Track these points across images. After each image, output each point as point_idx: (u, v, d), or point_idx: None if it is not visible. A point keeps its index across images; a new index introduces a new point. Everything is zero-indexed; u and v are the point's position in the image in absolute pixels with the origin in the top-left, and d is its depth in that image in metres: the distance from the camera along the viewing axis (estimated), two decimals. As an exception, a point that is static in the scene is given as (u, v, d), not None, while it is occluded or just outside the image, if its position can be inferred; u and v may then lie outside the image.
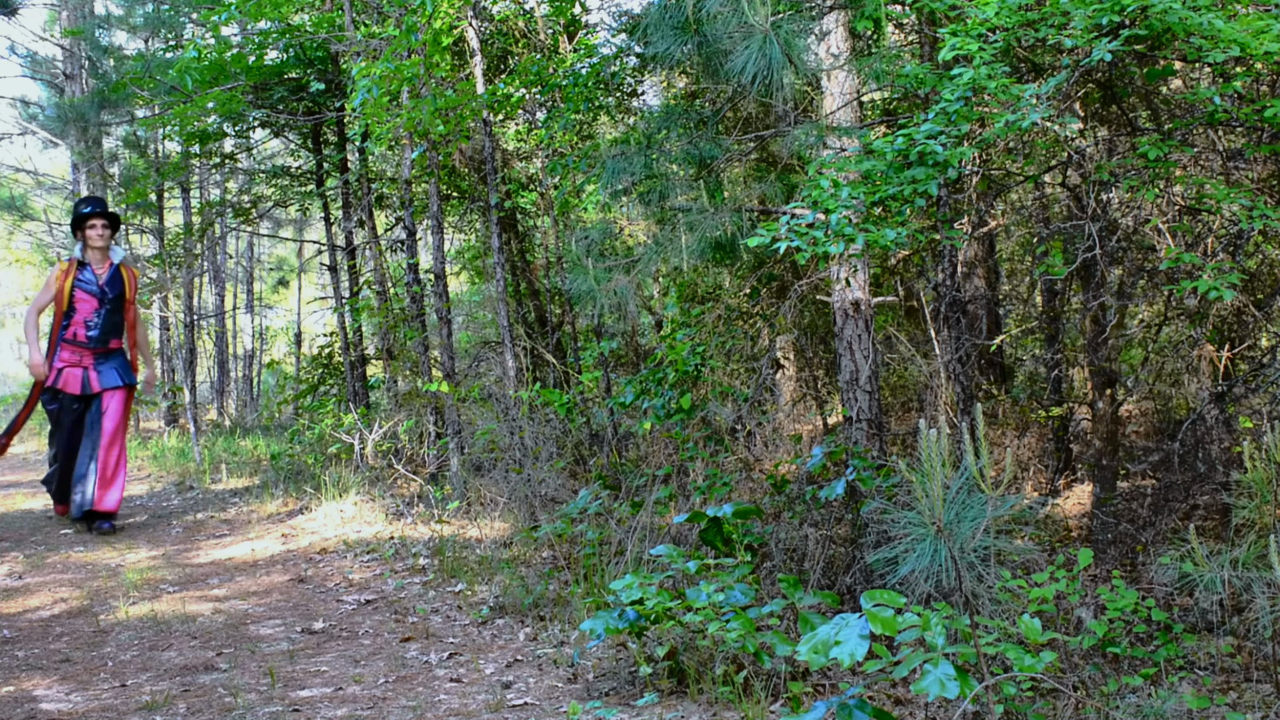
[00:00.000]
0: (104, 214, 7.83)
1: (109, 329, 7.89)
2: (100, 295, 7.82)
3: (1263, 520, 3.50)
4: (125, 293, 7.94)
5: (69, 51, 16.41)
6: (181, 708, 4.41)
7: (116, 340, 7.96)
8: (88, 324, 7.77)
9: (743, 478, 7.37)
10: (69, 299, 7.75)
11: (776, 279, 7.03)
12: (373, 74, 7.49)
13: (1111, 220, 4.88)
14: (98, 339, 7.84)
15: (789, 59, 4.61)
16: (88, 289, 7.77)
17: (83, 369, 7.81)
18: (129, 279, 7.96)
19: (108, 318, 7.85)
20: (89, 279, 7.79)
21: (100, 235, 7.80)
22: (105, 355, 7.91)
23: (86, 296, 7.78)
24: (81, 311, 7.76)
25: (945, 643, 3.08)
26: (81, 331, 7.78)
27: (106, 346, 7.90)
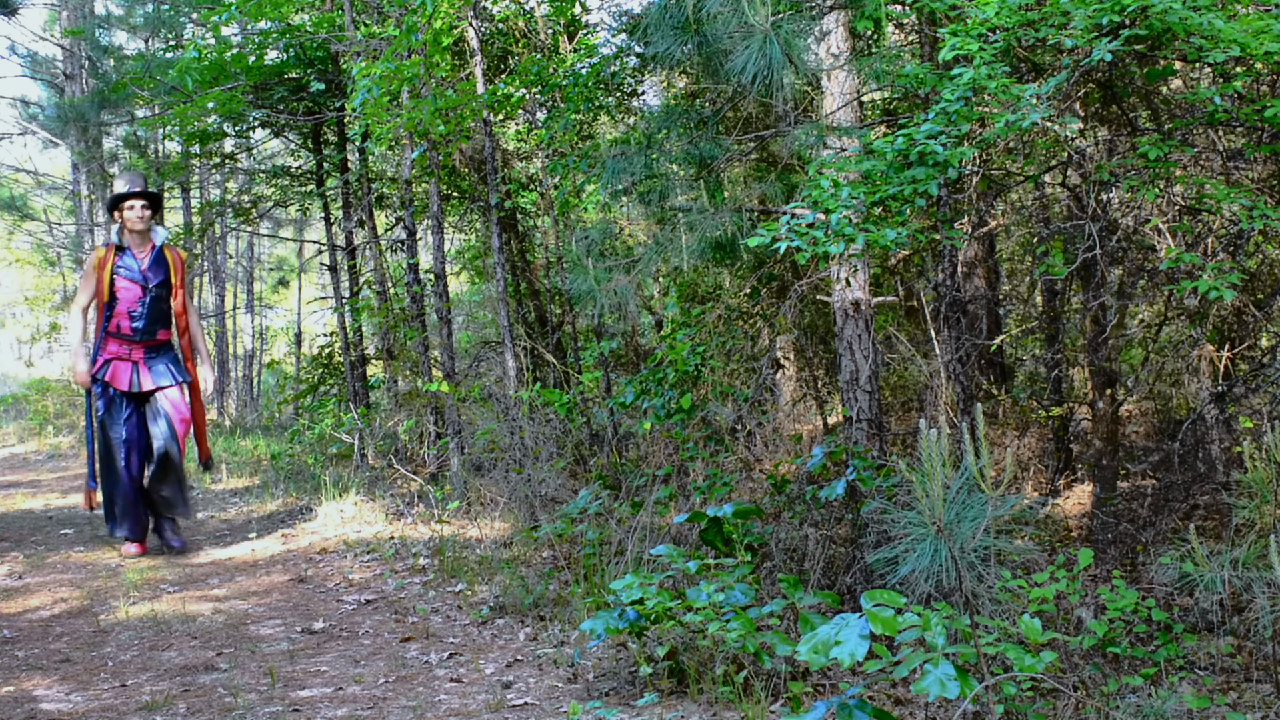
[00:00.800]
0: (144, 193, 6.93)
1: (155, 319, 7.00)
2: (143, 282, 6.91)
3: (1263, 520, 3.50)
4: (170, 278, 7.01)
5: (69, 51, 16.41)
6: (181, 708, 4.41)
7: (165, 331, 7.08)
8: (131, 314, 6.89)
9: (743, 478, 7.37)
10: (109, 288, 6.87)
11: (776, 279, 7.03)
12: (373, 74, 7.49)
13: (1111, 220, 4.88)
14: (143, 330, 6.95)
15: (789, 59, 4.61)
16: (129, 276, 6.88)
17: (131, 364, 6.95)
18: (174, 262, 7.03)
19: (152, 306, 6.96)
20: (129, 265, 6.91)
21: (140, 216, 6.89)
22: (155, 350, 7.03)
23: (128, 284, 6.89)
24: (124, 301, 6.88)
25: (945, 643, 3.08)
26: (125, 323, 6.91)
27: (154, 338, 7.01)
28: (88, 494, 7.37)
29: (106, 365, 6.93)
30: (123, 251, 6.94)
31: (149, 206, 6.96)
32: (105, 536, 8.39)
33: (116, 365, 6.93)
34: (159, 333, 7.03)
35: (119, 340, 6.93)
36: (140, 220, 6.91)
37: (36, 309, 21.48)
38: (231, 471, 11.25)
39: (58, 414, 17.73)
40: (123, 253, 6.94)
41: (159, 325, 7.04)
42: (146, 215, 6.94)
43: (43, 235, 19.46)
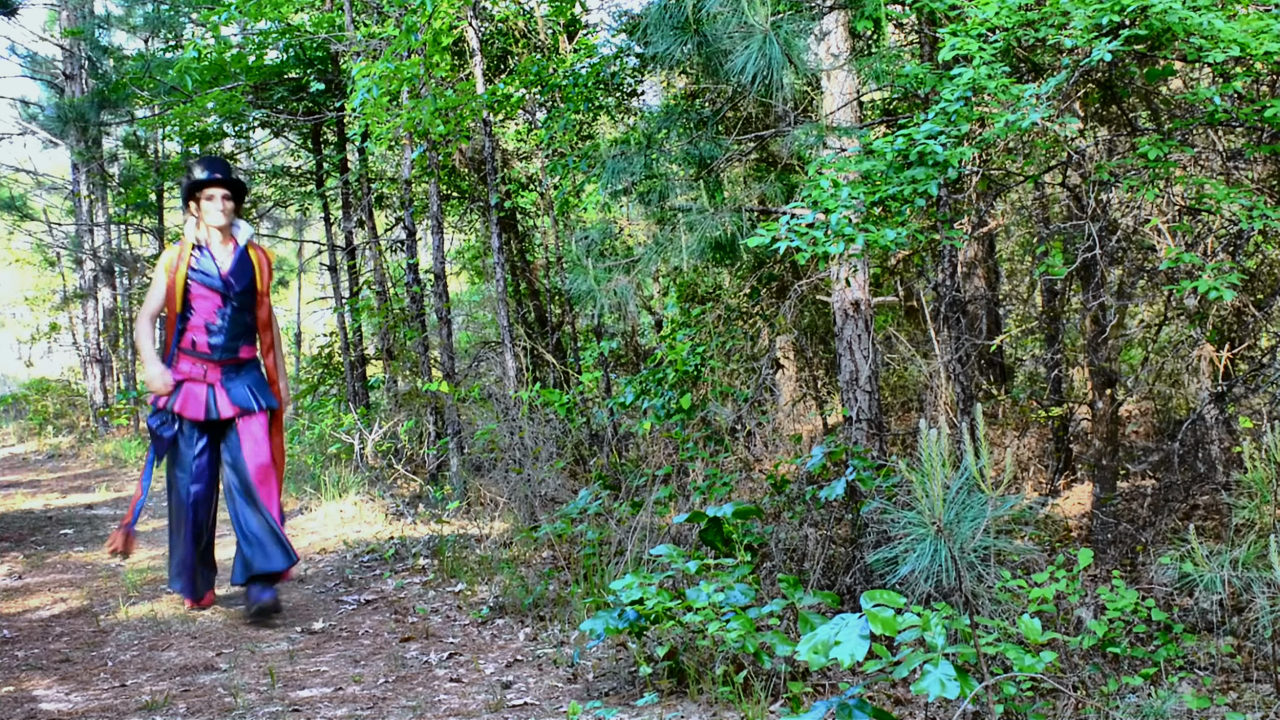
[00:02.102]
0: (226, 180, 5.62)
1: (238, 332, 5.66)
2: (224, 289, 5.60)
3: (1263, 520, 3.50)
4: (256, 283, 5.71)
5: (69, 51, 16.41)
6: (181, 708, 4.41)
7: (249, 347, 5.75)
8: (209, 328, 5.60)
9: (743, 478, 7.37)
10: (183, 295, 5.59)
11: (776, 279, 7.03)
12: (373, 74, 7.49)
13: (1111, 220, 4.88)
14: (224, 346, 5.63)
15: (789, 59, 4.61)
16: (207, 281, 5.59)
17: (207, 386, 5.60)
18: (260, 264, 5.75)
19: (235, 318, 5.64)
20: (208, 267, 5.60)
21: (222, 209, 5.59)
22: (235, 368, 5.67)
23: (206, 291, 5.59)
24: (200, 311, 5.59)
25: (945, 643, 3.08)
26: (202, 338, 5.60)
27: (236, 356, 5.67)
28: (125, 537, 5.77)
29: (176, 391, 5.57)
30: (200, 251, 5.62)
31: (232, 196, 5.63)
32: (105, 536, 8.38)
33: (188, 390, 5.56)
34: (242, 349, 5.69)
35: (193, 359, 5.58)
36: (222, 213, 5.57)
37: (36, 309, 21.48)
38: (231, 471, 11.23)
39: (58, 414, 17.74)
40: (200, 252, 5.61)
41: (242, 340, 5.68)
42: (229, 208, 5.61)
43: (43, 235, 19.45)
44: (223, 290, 5.60)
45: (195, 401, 5.58)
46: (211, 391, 5.60)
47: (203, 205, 5.59)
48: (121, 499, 10.49)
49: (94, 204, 16.55)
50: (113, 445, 14.21)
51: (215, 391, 5.60)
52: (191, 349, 5.60)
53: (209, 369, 5.61)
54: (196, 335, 5.60)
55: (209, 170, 5.61)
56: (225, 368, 5.65)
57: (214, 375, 5.61)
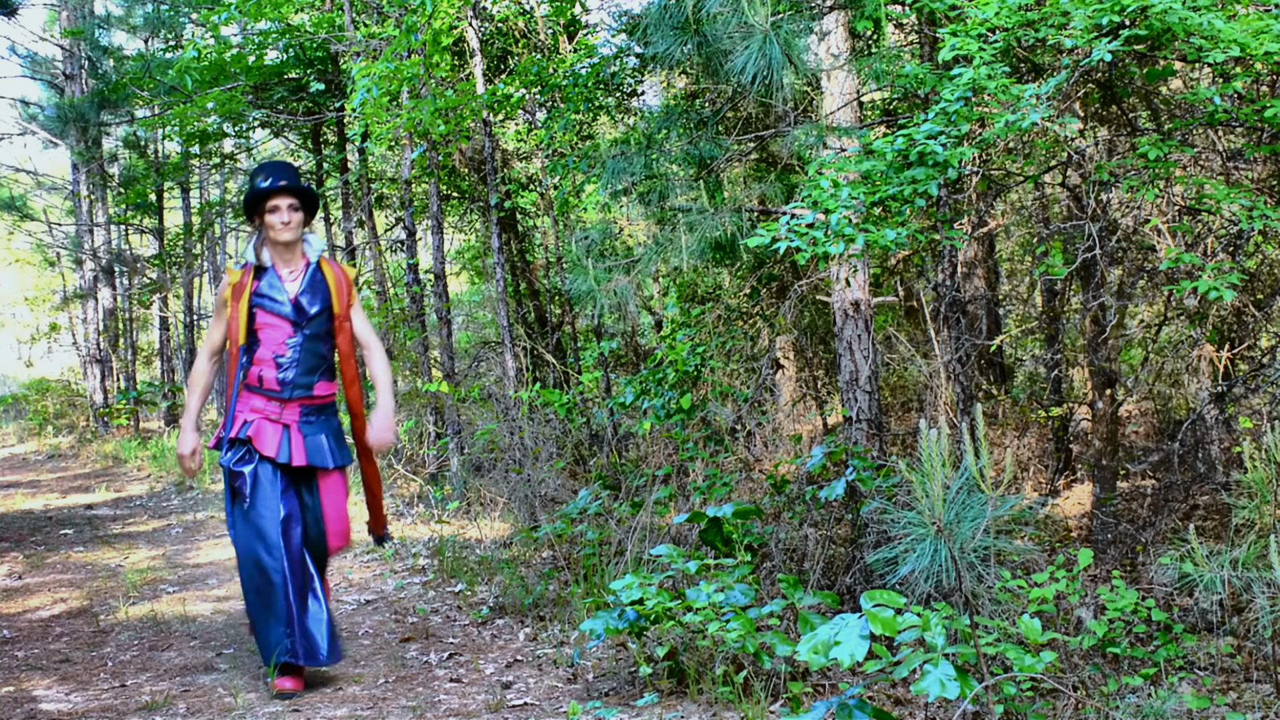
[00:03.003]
0: (293, 188, 4.73)
1: (312, 366, 4.73)
2: (294, 316, 4.69)
3: (1263, 520, 3.50)
4: (333, 305, 4.77)
5: (69, 51, 16.42)
6: (181, 708, 4.41)
7: (326, 383, 4.81)
8: (279, 361, 4.66)
9: (743, 478, 7.37)
10: (246, 325, 4.69)
11: (776, 279, 7.03)
12: (373, 74, 7.49)
13: (1111, 220, 4.88)
14: (294, 383, 4.68)
15: (789, 59, 4.61)
16: (274, 308, 4.68)
17: (282, 427, 4.68)
18: (337, 284, 4.81)
19: (308, 349, 4.71)
20: (275, 293, 4.69)
21: (287, 222, 4.69)
22: (314, 411, 4.75)
23: (273, 319, 4.68)
24: (268, 343, 4.67)
25: (945, 643, 3.08)
26: (270, 374, 4.66)
27: (310, 394, 4.73)
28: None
29: (246, 424, 4.66)
30: (263, 274, 4.71)
31: (301, 208, 4.74)
32: (105, 536, 8.38)
33: (262, 425, 4.65)
34: (317, 385, 4.74)
35: (264, 397, 4.67)
36: (288, 228, 4.67)
37: (36, 309, 21.49)
38: (231, 471, 11.24)
39: (58, 414, 17.74)
40: (263, 275, 4.71)
41: (318, 375, 4.75)
42: (297, 220, 4.71)
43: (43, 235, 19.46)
44: (293, 317, 4.65)
45: (269, 436, 4.62)
46: (287, 435, 4.65)
47: (267, 218, 4.66)
48: (121, 499, 10.49)
49: (94, 204, 16.56)
50: (113, 445, 14.21)
51: (291, 435, 4.65)
52: (258, 386, 4.64)
53: (283, 409, 4.66)
54: (264, 370, 4.64)
55: (273, 177, 4.68)
56: (302, 409, 4.68)
57: (290, 416, 4.67)
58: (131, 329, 18.00)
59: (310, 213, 4.81)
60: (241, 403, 4.66)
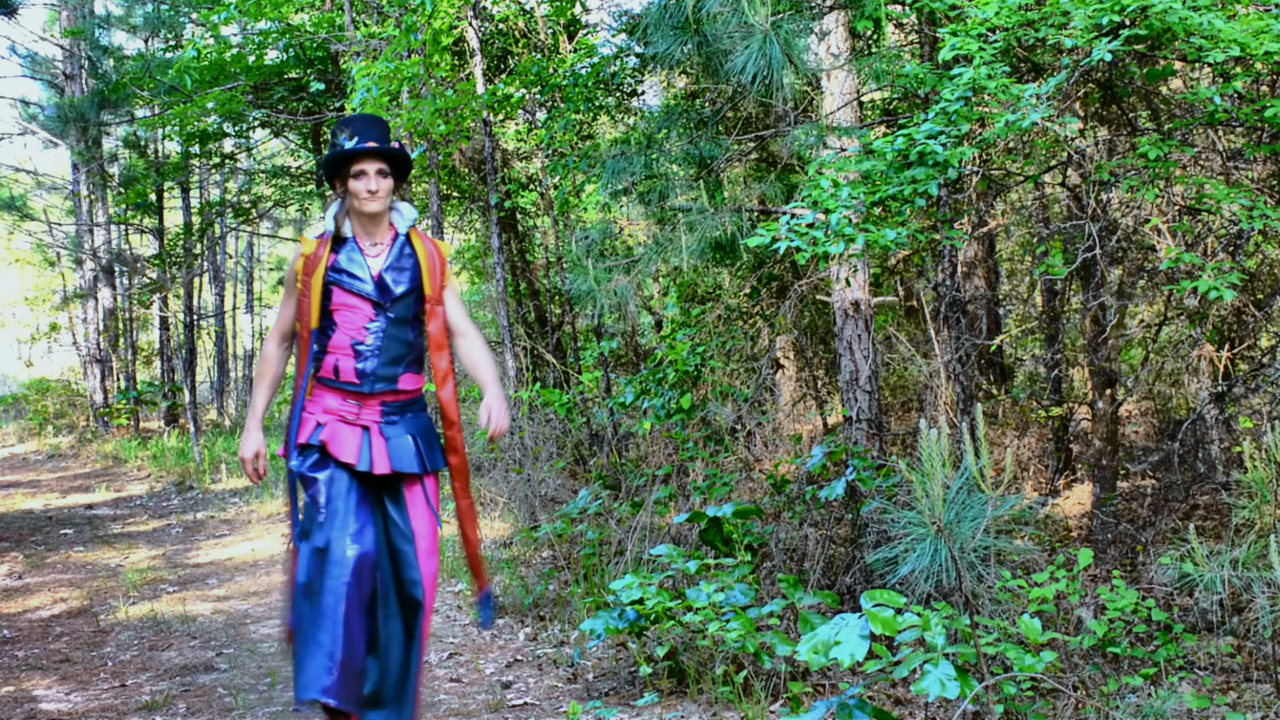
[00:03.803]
0: (381, 150, 3.94)
1: (397, 355, 3.94)
2: (377, 295, 3.92)
3: (1263, 520, 3.50)
4: (423, 285, 4.00)
5: (69, 51, 16.42)
6: (181, 708, 4.42)
7: (414, 376, 4.03)
8: (358, 349, 3.90)
9: (743, 478, 7.37)
10: (320, 305, 3.94)
11: (776, 279, 7.03)
12: (373, 74, 7.49)
13: (1111, 220, 4.89)
14: (376, 374, 3.90)
15: (789, 59, 4.61)
16: (354, 285, 3.91)
17: (361, 429, 3.91)
18: (429, 259, 4.03)
19: (392, 334, 3.93)
20: (356, 267, 3.93)
21: (375, 191, 3.90)
22: (398, 408, 3.96)
23: (352, 300, 3.92)
24: (345, 327, 3.91)
25: (945, 643, 3.08)
26: (347, 363, 3.89)
27: (394, 389, 3.95)
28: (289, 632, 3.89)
29: (318, 428, 3.91)
30: (343, 245, 3.95)
31: (390, 173, 3.95)
32: (105, 536, 8.38)
33: (336, 428, 3.90)
34: (402, 378, 3.95)
35: (338, 393, 3.90)
36: (375, 197, 3.90)
37: (36, 309, 21.49)
38: (231, 471, 11.25)
39: (58, 414, 17.75)
40: (343, 247, 3.95)
41: (403, 366, 3.96)
42: (386, 187, 3.93)
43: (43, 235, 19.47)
44: (375, 297, 3.88)
45: (346, 440, 3.86)
46: (366, 437, 3.87)
47: (351, 185, 3.88)
48: (121, 499, 10.49)
49: (94, 204, 16.56)
50: (113, 445, 14.21)
51: (371, 438, 3.86)
52: (334, 378, 3.86)
53: (362, 406, 3.87)
54: (340, 359, 3.86)
55: (360, 136, 3.89)
56: (385, 406, 3.89)
57: (369, 415, 3.88)
58: (131, 329, 18.00)
59: (401, 177, 4.01)
60: (313, 402, 3.92)
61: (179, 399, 16.26)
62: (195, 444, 12.24)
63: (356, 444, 3.86)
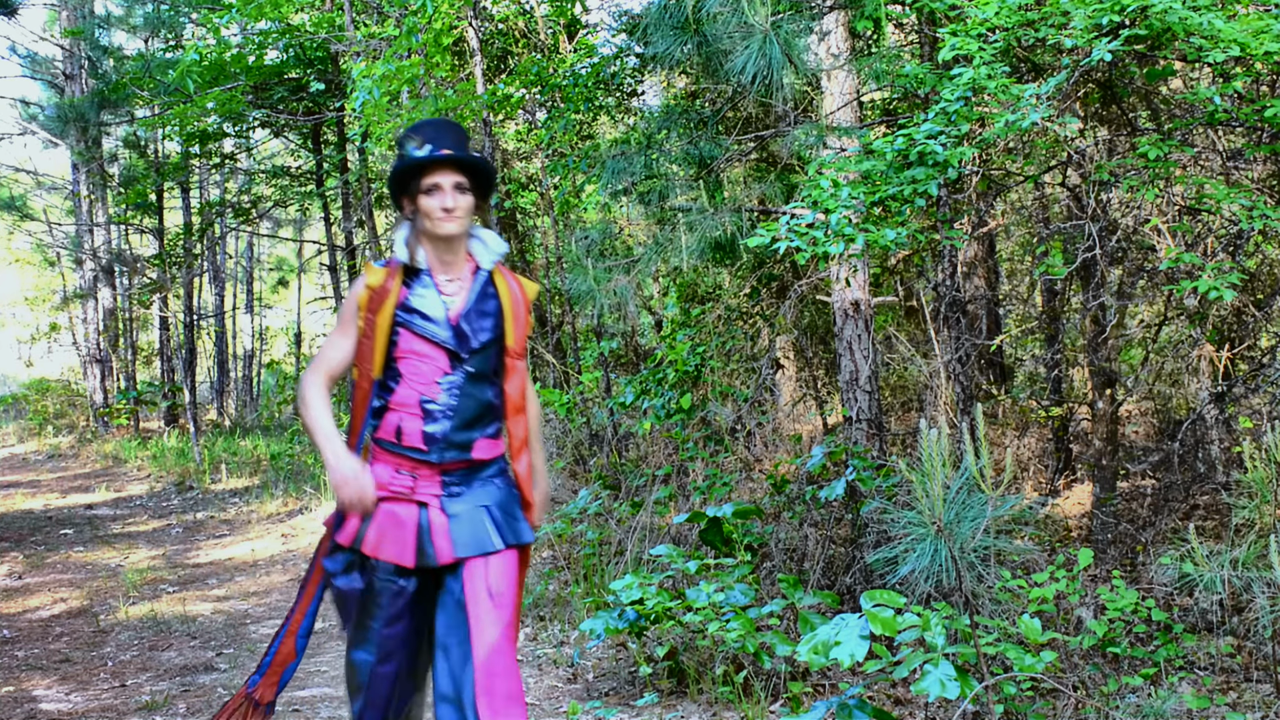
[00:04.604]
0: (460, 160, 3.19)
1: (474, 415, 3.22)
2: (455, 344, 3.17)
3: (1263, 520, 3.50)
4: (506, 334, 3.25)
5: (69, 51, 16.43)
6: (181, 708, 4.42)
7: (491, 440, 3.27)
8: (427, 408, 3.16)
9: (743, 478, 7.37)
10: (385, 351, 3.20)
11: (776, 279, 7.03)
12: (373, 74, 7.49)
13: (1111, 220, 4.89)
14: (450, 439, 3.16)
15: (789, 59, 4.61)
16: (427, 330, 3.16)
17: (417, 508, 3.17)
18: (513, 305, 3.27)
19: (469, 392, 3.20)
20: (430, 307, 3.18)
21: (451, 210, 3.15)
22: (466, 477, 3.22)
23: (424, 347, 3.17)
24: (414, 379, 3.18)
25: (945, 643, 3.09)
26: (413, 424, 3.15)
27: (468, 456, 3.20)
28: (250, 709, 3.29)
29: (366, 519, 3.14)
30: (415, 279, 3.19)
31: (472, 188, 3.19)
32: (105, 536, 8.38)
33: (387, 515, 3.12)
34: (478, 444, 3.20)
35: (398, 459, 3.15)
36: (451, 217, 3.14)
37: (36, 309, 21.50)
38: (231, 471, 11.25)
39: (58, 414, 17.75)
40: (416, 281, 3.19)
41: (480, 429, 3.21)
42: (465, 206, 3.16)
43: (43, 235, 19.48)
44: (453, 346, 3.11)
45: (396, 533, 3.07)
46: (424, 517, 3.09)
47: (422, 203, 3.12)
48: (121, 499, 10.48)
49: (94, 204, 16.56)
50: (113, 445, 14.21)
51: (429, 518, 3.09)
52: (395, 442, 3.10)
53: (421, 477, 3.11)
54: (405, 419, 3.10)
55: (433, 144, 3.12)
56: (450, 477, 3.13)
57: (430, 487, 3.11)
58: (131, 329, 18.01)
59: (484, 194, 3.19)
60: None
61: (179, 399, 16.27)
62: (195, 444, 12.24)
63: (411, 535, 3.06)
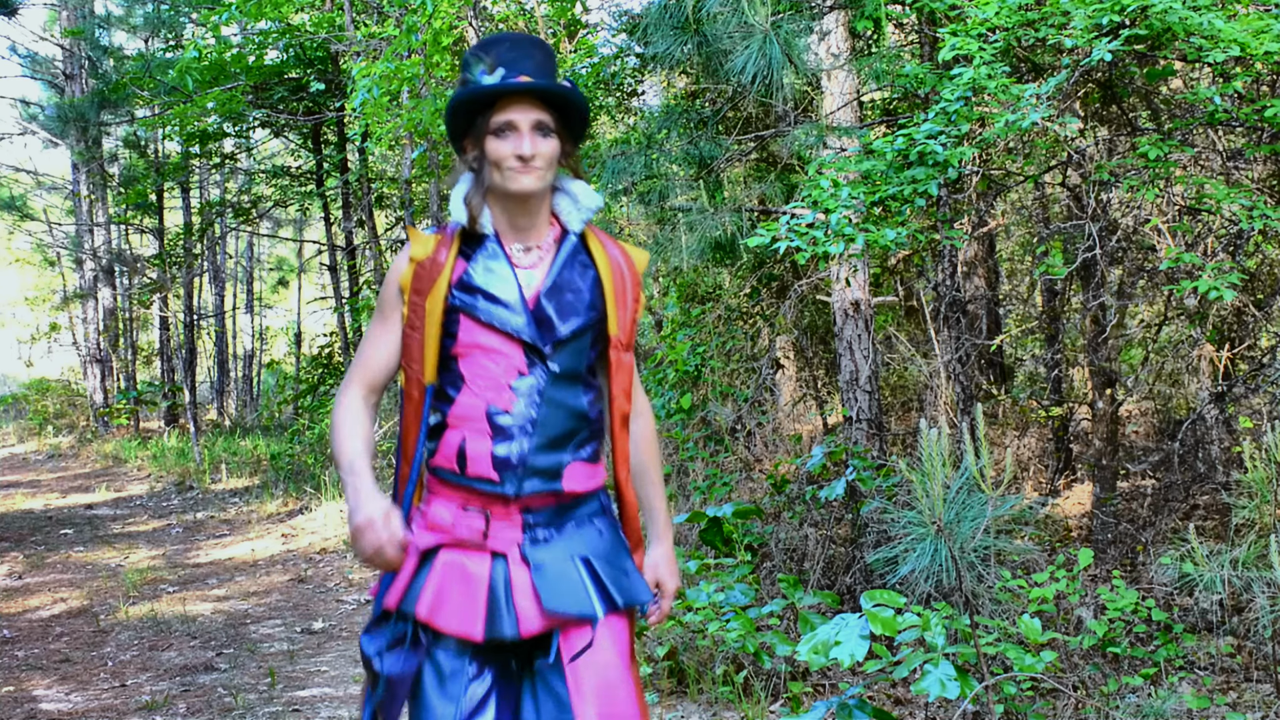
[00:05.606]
0: (543, 90, 2.18)
1: (565, 434, 2.24)
2: (533, 332, 2.22)
3: (1263, 520, 3.50)
4: (608, 320, 2.28)
5: (69, 51, 16.43)
6: (181, 708, 4.41)
7: (587, 467, 2.28)
8: (498, 422, 2.19)
9: (743, 478, 7.37)
10: (440, 345, 2.24)
11: (776, 279, 7.03)
12: (373, 74, 7.49)
13: (1111, 220, 4.89)
14: (529, 465, 2.20)
15: (789, 59, 4.61)
16: (495, 316, 2.21)
17: (490, 559, 2.20)
18: (616, 275, 2.30)
19: (554, 399, 2.23)
20: (498, 286, 2.23)
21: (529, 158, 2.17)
22: (556, 514, 2.25)
23: (492, 339, 2.22)
24: (479, 383, 2.21)
25: (945, 643, 3.09)
26: (481, 445, 2.19)
27: (556, 488, 2.22)
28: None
29: (424, 568, 2.23)
30: (478, 248, 2.27)
31: (555, 128, 2.23)
32: (105, 536, 8.38)
33: (449, 569, 2.22)
34: (569, 471, 2.26)
35: (461, 493, 2.24)
36: (527, 167, 2.19)
37: (36, 309, 21.50)
38: (231, 471, 11.25)
39: (58, 414, 17.75)
40: (479, 251, 2.27)
41: (574, 448, 2.27)
42: (548, 153, 2.21)
43: (43, 235, 19.48)
44: (530, 336, 2.23)
45: (462, 594, 2.21)
46: (502, 571, 2.23)
47: (490, 147, 2.21)
48: (121, 499, 10.49)
49: (94, 204, 16.56)
50: (113, 445, 14.21)
51: (509, 573, 2.23)
52: (456, 470, 2.23)
53: (495, 516, 2.23)
54: (469, 437, 2.23)
55: (508, 66, 2.20)
56: (533, 516, 2.25)
57: (506, 533, 2.24)
58: (131, 329, 18.01)
59: (575, 137, 2.30)
60: (420, 516, 2.29)
61: (179, 399, 16.27)
62: (195, 444, 12.24)
63: (483, 592, 2.20)
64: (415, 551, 2.22)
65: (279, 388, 17.32)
